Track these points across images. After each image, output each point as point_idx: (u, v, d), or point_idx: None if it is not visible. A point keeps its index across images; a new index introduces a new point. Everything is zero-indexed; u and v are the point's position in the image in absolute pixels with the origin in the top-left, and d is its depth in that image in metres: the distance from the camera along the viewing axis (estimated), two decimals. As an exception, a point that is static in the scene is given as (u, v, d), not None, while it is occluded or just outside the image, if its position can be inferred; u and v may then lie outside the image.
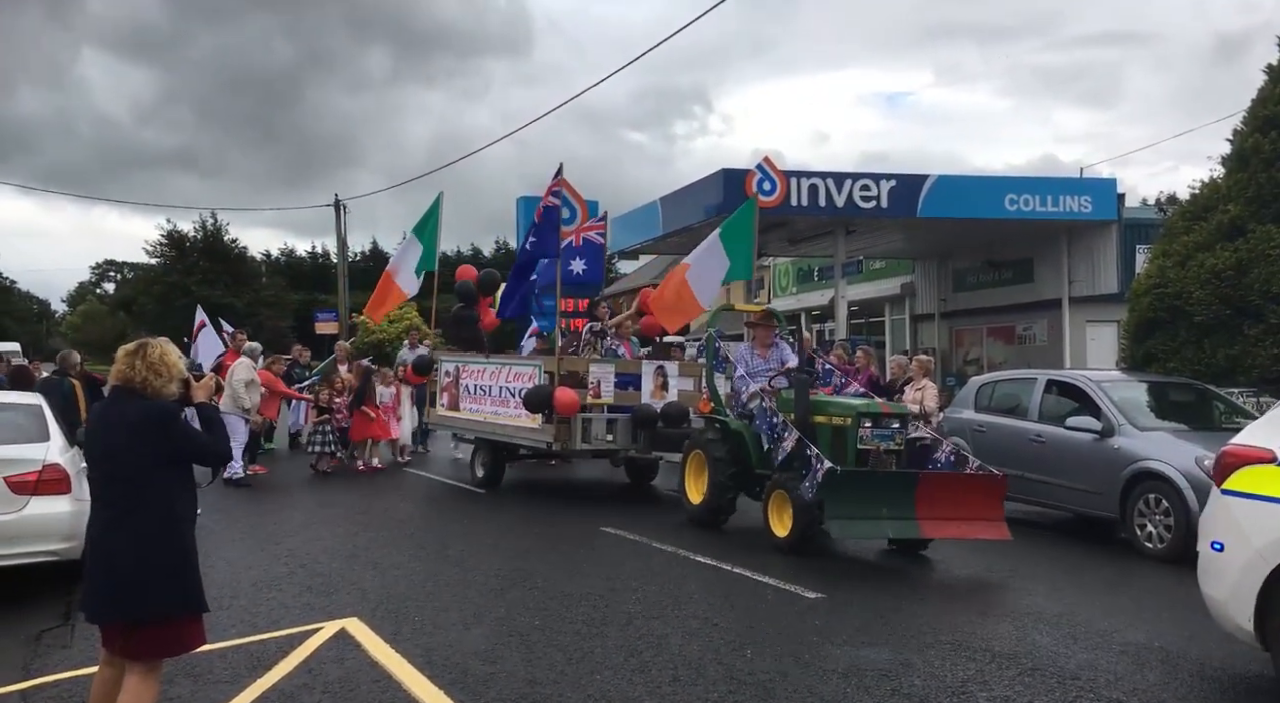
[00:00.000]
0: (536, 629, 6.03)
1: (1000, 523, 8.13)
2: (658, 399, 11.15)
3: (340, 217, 37.10)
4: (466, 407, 12.71)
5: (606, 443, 11.12)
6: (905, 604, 6.81)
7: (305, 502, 11.58)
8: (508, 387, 11.82)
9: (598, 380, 11.05)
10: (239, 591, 7.06)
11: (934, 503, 8.01)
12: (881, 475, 8.23)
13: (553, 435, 10.98)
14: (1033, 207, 19.12)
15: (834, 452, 8.33)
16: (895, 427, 8.52)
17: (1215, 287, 11.58)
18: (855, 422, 8.43)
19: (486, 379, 12.33)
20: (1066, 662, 5.56)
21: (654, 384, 11.25)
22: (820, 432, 8.66)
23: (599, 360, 11.39)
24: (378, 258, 73.32)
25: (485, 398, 12.29)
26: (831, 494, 7.87)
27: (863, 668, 5.34)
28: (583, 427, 10.86)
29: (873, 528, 8.18)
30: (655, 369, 11.35)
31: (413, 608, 6.56)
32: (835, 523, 7.94)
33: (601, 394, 11.06)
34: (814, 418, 8.80)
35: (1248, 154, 12.11)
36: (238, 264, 60.36)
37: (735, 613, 6.48)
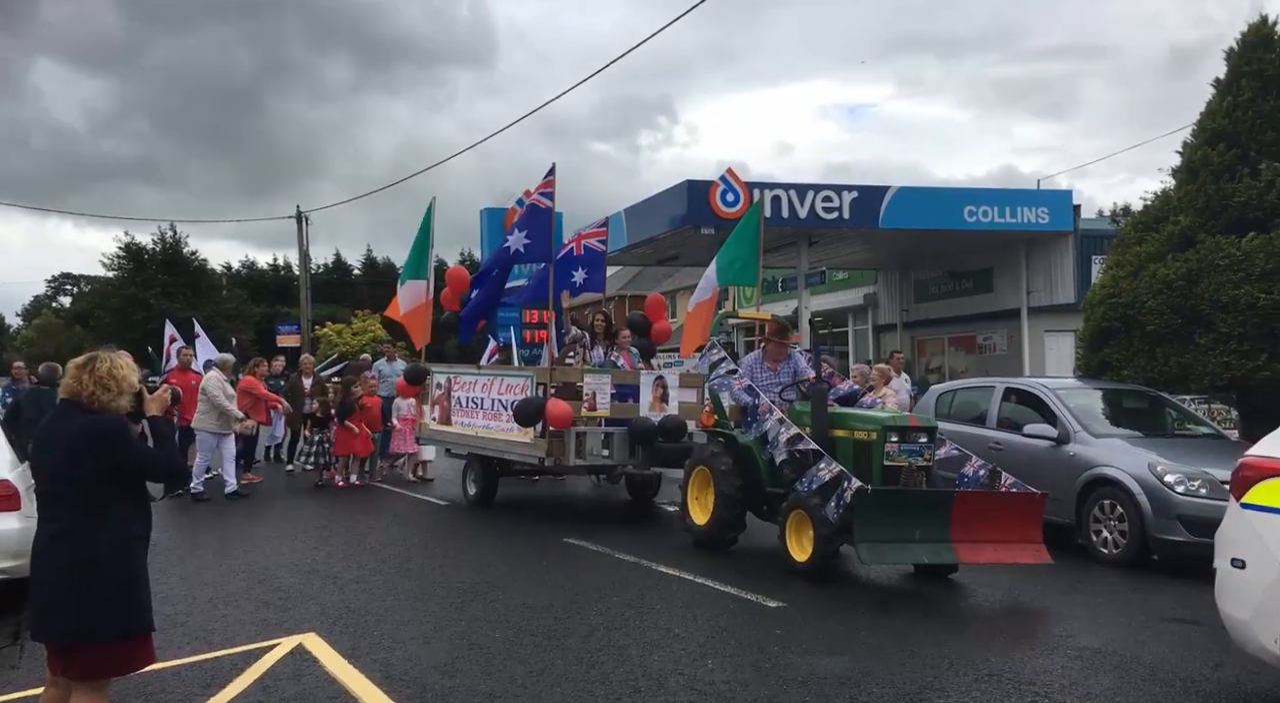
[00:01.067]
0: (497, 642, 6.00)
1: (1039, 546, 7.53)
2: (657, 412, 10.61)
3: (302, 228, 36.76)
4: (458, 421, 12.18)
5: (602, 459, 10.56)
6: (866, 613, 6.86)
7: (265, 517, 11.43)
8: (499, 399, 11.29)
9: (593, 393, 10.46)
10: (194, 607, 6.95)
11: (969, 525, 7.40)
12: (914, 495, 7.64)
13: (545, 451, 10.47)
14: (991, 217, 19.42)
15: (857, 469, 7.76)
16: (924, 442, 7.88)
17: (1167, 296, 11.79)
18: (881, 437, 7.80)
19: (478, 391, 11.78)
20: (1022, 667, 5.62)
21: (653, 396, 10.69)
22: (840, 447, 8.09)
23: (594, 371, 10.85)
24: (340, 269, 72.85)
25: (477, 411, 11.77)
26: (861, 516, 7.22)
27: (823, 677, 5.36)
28: (577, 441, 10.34)
29: (905, 554, 7.40)
30: (654, 381, 10.81)
31: (372, 622, 6.49)
32: (866, 548, 7.20)
33: (597, 407, 10.49)
34: (833, 432, 8.23)
35: (1197, 166, 12.35)
36: (198, 276, 59.57)
37: (697, 623, 6.49)
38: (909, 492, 7.69)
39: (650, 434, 10.36)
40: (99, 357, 3.99)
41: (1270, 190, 11.43)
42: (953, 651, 5.91)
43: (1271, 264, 10.98)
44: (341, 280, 69.13)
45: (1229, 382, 11.36)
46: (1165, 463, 8.55)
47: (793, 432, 8.21)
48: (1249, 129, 11.93)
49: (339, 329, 41.86)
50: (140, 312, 54.45)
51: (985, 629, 6.51)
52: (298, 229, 36.95)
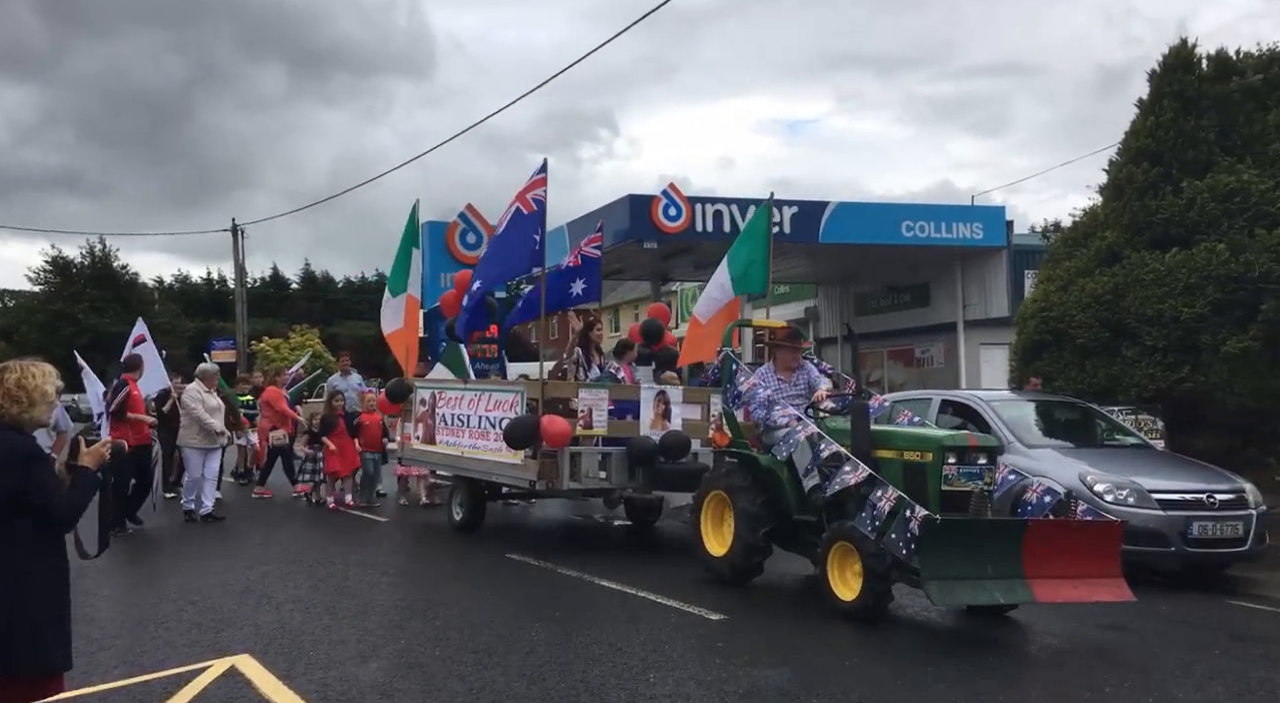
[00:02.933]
0: (437, 660, 5.92)
1: (1119, 581, 6.65)
2: (658, 430, 9.65)
3: (238, 241, 36.15)
4: (443, 440, 11.15)
5: (599, 481, 9.61)
6: (807, 625, 6.90)
7: (197, 537, 11.15)
8: (487, 417, 10.32)
9: (588, 409, 9.47)
10: (122, 630, 6.74)
11: (1044, 558, 6.52)
12: (986, 525, 6.78)
13: (537, 473, 9.43)
14: (928, 233, 19.81)
15: (908, 495, 6.78)
16: (983, 463, 6.97)
17: (1095, 310, 12.14)
18: (938, 458, 6.87)
19: (464, 408, 10.78)
20: (962, 674, 5.70)
21: (654, 413, 9.70)
22: (887, 470, 7.09)
23: (590, 385, 9.95)
24: (278, 283, 71.66)
25: (463, 430, 10.78)
26: (928, 549, 6.33)
27: (764, 689, 5.38)
28: (571, 463, 9.41)
29: (978, 592, 6.53)
30: (656, 396, 9.80)
31: (308, 642, 6.36)
32: (936, 586, 6.34)
33: (593, 424, 9.52)
34: (877, 453, 7.26)
35: (1123, 184, 12.76)
36: (128, 291, 58.11)
37: (639, 637, 6.47)
38: (980, 521, 6.78)
39: (651, 454, 9.46)
40: (8, 367, 3.69)
41: (1191, 208, 11.85)
42: (893, 660, 5.98)
43: (1193, 279, 11.37)
44: (279, 295, 68.01)
45: (1154, 393, 11.72)
46: (1095, 473, 8.76)
47: (832, 450, 7.27)
48: (1171, 148, 12.36)
49: (276, 344, 41.13)
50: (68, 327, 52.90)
51: (924, 639, 6.60)
52: (233, 242, 36.34)
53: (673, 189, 18.74)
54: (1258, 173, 11.81)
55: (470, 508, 11.03)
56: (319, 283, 72.50)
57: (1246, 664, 6.12)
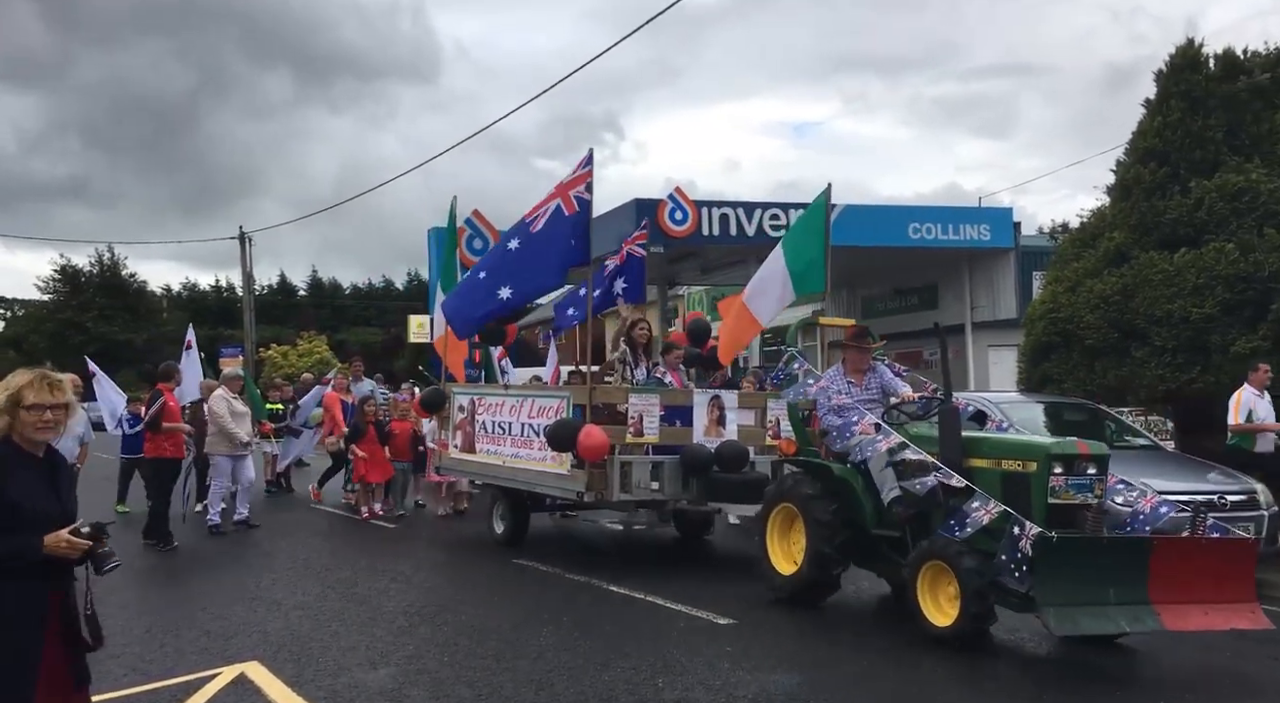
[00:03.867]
0: (445, 666, 5.92)
1: (1254, 606, 6.00)
2: (712, 438, 9.06)
3: (245, 249, 36.26)
4: (484, 448, 10.53)
5: (651, 492, 8.99)
6: (816, 630, 6.88)
7: (206, 544, 11.16)
8: (530, 424, 9.68)
9: (639, 415, 8.84)
10: (131, 637, 6.75)
11: (1170, 580, 5.86)
12: (1107, 544, 6.13)
13: (585, 484, 8.88)
14: (935, 235, 19.77)
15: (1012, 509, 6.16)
16: (1093, 473, 6.27)
17: (1104, 311, 12.08)
18: (1044, 468, 6.17)
19: (506, 415, 10.19)
20: (970, 676, 5.68)
21: (708, 419, 9.13)
22: (981, 480, 6.41)
23: (641, 390, 9.24)
24: (285, 290, 71.93)
25: (504, 438, 10.16)
26: (1044, 571, 5.72)
27: (772, 693, 5.36)
28: (622, 473, 8.79)
29: (1101, 620, 5.84)
30: (710, 401, 9.23)
31: (317, 649, 6.36)
32: (1054, 614, 5.68)
33: (644, 432, 8.87)
34: (970, 461, 6.60)
35: (1130, 184, 12.72)
36: (136, 299, 58.40)
37: (647, 642, 6.46)
38: (1101, 540, 6.16)
39: (706, 464, 8.85)
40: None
41: (1199, 207, 11.80)
42: (901, 665, 5.95)
43: (1202, 279, 11.32)
44: (286, 302, 68.26)
45: (1164, 394, 11.66)
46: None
47: (919, 458, 6.63)
48: (1178, 148, 12.31)
49: (284, 351, 41.25)
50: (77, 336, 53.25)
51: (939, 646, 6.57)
52: (241, 250, 36.45)
53: (679, 193, 18.74)
54: (1266, 172, 11.76)
55: (513, 521, 10.44)
56: (326, 290, 72.75)
57: (1258, 666, 6.08)
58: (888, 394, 7.61)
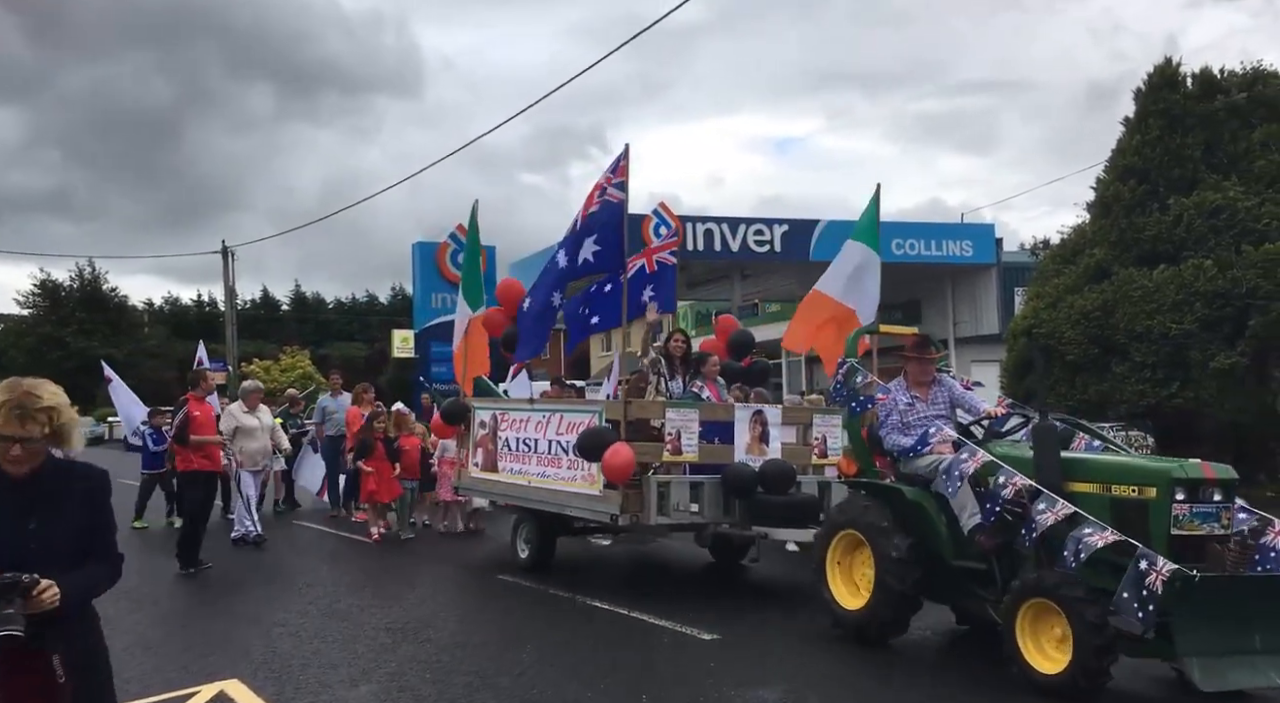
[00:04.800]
0: (427, 683, 5.87)
1: None
2: (755, 456, 8.44)
3: (228, 263, 36.08)
4: (507, 467, 9.80)
5: (690, 515, 8.34)
6: (800, 645, 6.87)
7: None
8: (559, 441, 9.02)
9: (677, 431, 8.22)
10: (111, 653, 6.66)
11: None
12: (1252, 583, 5.36)
13: (620, 506, 8.16)
14: (918, 250, 19.91)
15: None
16: (1218, 500, 5.51)
17: (1084, 326, 12.20)
18: (1165, 494, 5.44)
19: (531, 431, 9.48)
20: (952, 691, 5.68)
21: (750, 436, 8.51)
22: (1086, 508, 5.62)
23: (679, 405, 8.60)
24: (268, 305, 71.67)
25: (529, 456, 9.46)
26: (1184, 615, 5.07)
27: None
28: (659, 494, 8.14)
29: (1250, 673, 5.16)
30: (752, 417, 8.60)
31: (298, 667, 6.30)
32: (1198, 665, 5.05)
33: (683, 449, 8.25)
34: (1071, 486, 5.81)
35: (1110, 201, 12.88)
36: (118, 314, 58.01)
37: (631, 657, 6.43)
38: (1246, 578, 5.38)
39: (749, 484, 8.21)
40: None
41: (1178, 224, 11.95)
42: (884, 679, 5.95)
43: (1181, 296, 11.45)
44: (269, 316, 67.99)
45: (1144, 409, 11.78)
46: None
47: (1018, 484, 5.76)
48: (1157, 166, 12.48)
49: (266, 366, 41.05)
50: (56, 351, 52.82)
51: (918, 655, 6.57)
52: (223, 264, 36.26)
53: (663, 208, 18.83)
54: (1243, 190, 11.93)
55: (538, 545, 9.64)
56: (310, 304, 72.52)
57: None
58: (957, 409, 6.95)
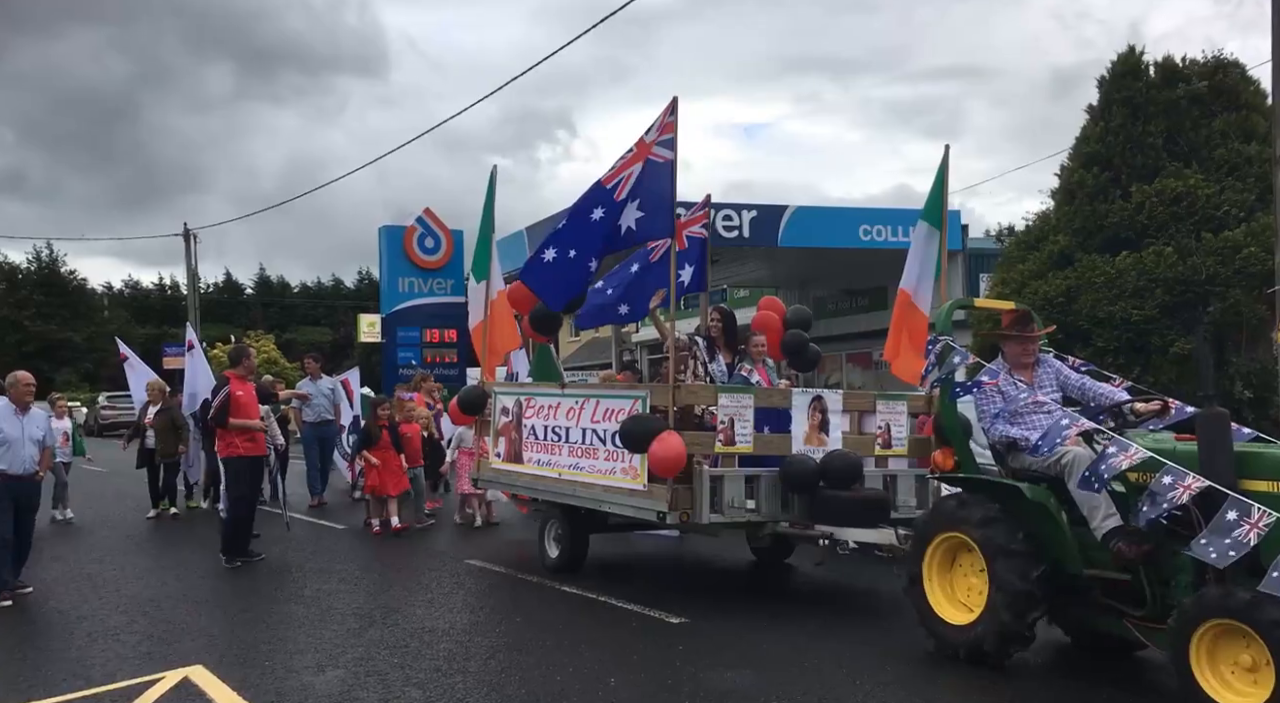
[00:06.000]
0: (395, 668, 5.86)
1: None
2: (815, 447, 7.68)
3: (190, 246, 35.61)
4: (533, 458, 8.93)
5: (746, 513, 7.49)
6: (768, 627, 6.92)
7: (150, 547, 10.95)
8: (595, 430, 8.19)
9: (729, 419, 7.39)
10: (71, 641, 6.60)
11: None
12: None
13: (668, 502, 7.30)
14: (885, 236, 19.96)
15: None
16: None
17: (1048, 312, 12.33)
18: None
19: (562, 419, 8.60)
20: (918, 676, 5.76)
21: (809, 425, 7.76)
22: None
23: (733, 390, 7.78)
24: (231, 289, 70.72)
25: (559, 446, 8.62)
26: None
27: (726, 691, 5.39)
28: (712, 489, 7.32)
29: None
30: (811, 403, 7.83)
31: (264, 652, 6.26)
32: None
33: (736, 440, 7.42)
34: (1246, 484, 4.96)
35: (1074, 188, 13.02)
36: (76, 297, 57.07)
37: (600, 642, 6.46)
38: None
39: (811, 479, 7.41)
40: None
41: (1140, 211, 12.11)
42: (851, 662, 6.02)
43: (1142, 282, 11.62)
44: (233, 300, 67.14)
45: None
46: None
47: (1196, 485, 4.87)
48: (1120, 153, 12.63)
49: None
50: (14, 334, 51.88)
51: (884, 639, 6.65)
52: (185, 247, 35.78)
53: (632, 193, 18.74)
54: (1203, 177, 12.10)
55: (570, 543, 8.81)
56: (274, 288, 71.68)
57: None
58: (1069, 393, 6.27)
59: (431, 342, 21.35)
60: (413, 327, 21.25)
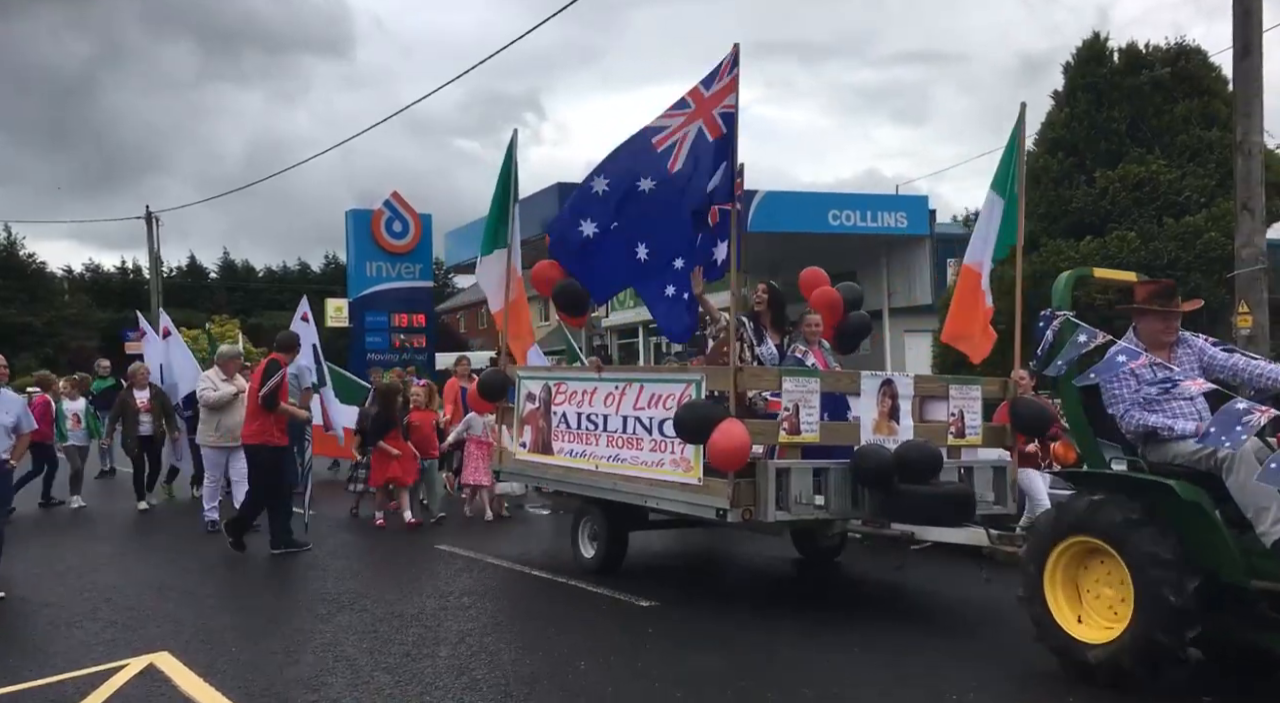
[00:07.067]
0: (364, 653, 5.83)
1: None
2: (885, 437, 6.94)
3: (153, 229, 35.04)
4: (564, 449, 8.14)
5: (815, 509, 6.72)
6: (737, 611, 6.96)
7: (114, 535, 10.80)
8: (639, 418, 7.40)
9: (794, 405, 6.58)
10: (32, 629, 6.51)
11: None
12: None
13: (729, 499, 6.50)
14: (854, 221, 20.15)
15: None
16: None
17: (1013, 297, 12.46)
18: None
19: (600, 406, 7.80)
20: (890, 656, 5.82)
21: (879, 412, 7.01)
22: None
23: (796, 373, 6.88)
24: (195, 273, 69.80)
25: (597, 436, 7.82)
26: None
27: (696, 674, 5.41)
28: (777, 483, 6.54)
29: None
30: (881, 388, 7.06)
31: (231, 638, 6.21)
32: None
33: (802, 429, 6.62)
34: None
35: (1039, 173, 13.14)
36: (35, 281, 56.07)
37: (569, 625, 6.47)
38: None
39: (886, 472, 6.61)
40: None
41: (1104, 197, 12.25)
42: (822, 644, 6.07)
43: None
44: (196, 284, 66.28)
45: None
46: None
47: None
48: (1084, 139, 12.76)
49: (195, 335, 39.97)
50: (-30, 319, 50.82)
51: (855, 622, 6.71)
52: (148, 230, 35.22)
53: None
54: (1165, 163, 12.27)
55: (608, 543, 8.10)
56: (239, 272, 70.86)
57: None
58: (1216, 375, 5.39)
59: (400, 326, 21.22)
60: (381, 311, 21.10)
